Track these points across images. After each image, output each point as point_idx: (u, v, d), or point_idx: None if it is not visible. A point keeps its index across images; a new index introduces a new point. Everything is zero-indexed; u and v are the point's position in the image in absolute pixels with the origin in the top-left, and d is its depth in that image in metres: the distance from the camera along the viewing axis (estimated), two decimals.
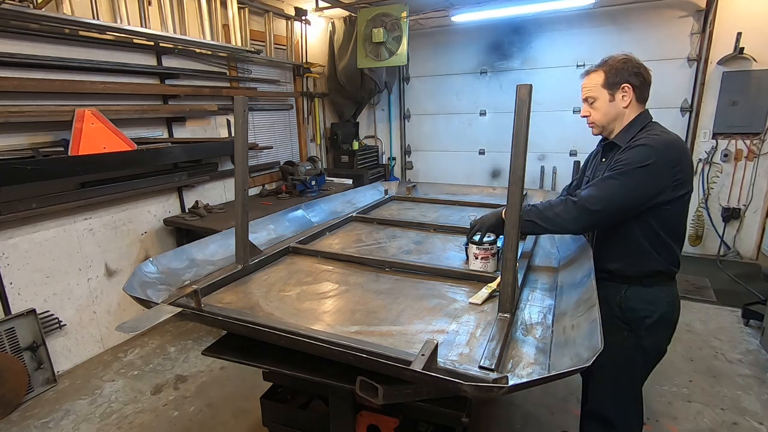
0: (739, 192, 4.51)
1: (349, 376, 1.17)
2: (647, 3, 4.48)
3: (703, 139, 4.55)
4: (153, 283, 1.58)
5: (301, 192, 4.29)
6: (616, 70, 1.55)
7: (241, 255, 1.76)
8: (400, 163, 6.26)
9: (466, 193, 3.21)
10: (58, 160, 2.61)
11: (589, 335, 1.15)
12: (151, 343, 3.29)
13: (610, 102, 1.57)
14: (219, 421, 2.47)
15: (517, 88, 1.19)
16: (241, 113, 1.65)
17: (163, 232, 3.62)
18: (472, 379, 1.04)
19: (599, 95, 1.58)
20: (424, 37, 5.57)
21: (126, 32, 3.01)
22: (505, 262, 1.29)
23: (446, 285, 1.66)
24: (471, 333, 1.31)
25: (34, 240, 2.76)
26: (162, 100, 3.51)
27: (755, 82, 4.20)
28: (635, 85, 1.54)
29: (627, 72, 1.54)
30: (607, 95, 1.56)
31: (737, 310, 3.49)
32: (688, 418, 2.40)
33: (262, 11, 4.41)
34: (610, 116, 1.59)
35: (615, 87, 1.55)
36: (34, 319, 2.70)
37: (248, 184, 1.77)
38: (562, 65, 4.99)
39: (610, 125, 1.61)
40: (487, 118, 5.58)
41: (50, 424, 2.48)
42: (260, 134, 4.67)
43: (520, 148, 1.20)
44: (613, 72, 1.56)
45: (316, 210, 2.65)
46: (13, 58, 2.56)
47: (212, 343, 1.49)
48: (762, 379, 2.71)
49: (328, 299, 1.56)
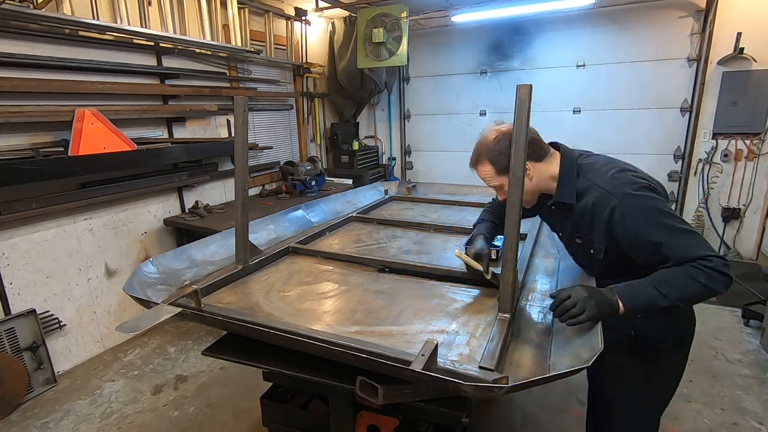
0: (739, 192, 4.51)
1: (349, 376, 1.17)
2: (647, 3, 4.48)
3: (703, 139, 4.54)
4: (153, 283, 1.58)
5: (301, 192, 4.29)
6: (498, 156, 1.38)
7: (241, 255, 1.76)
8: (400, 163, 6.26)
9: (466, 193, 3.21)
10: (58, 160, 2.61)
11: (589, 335, 1.15)
12: (151, 343, 3.29)
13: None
14: (219, 421, 2.47)
15: (517, 89, 1.19)
16: (241, 113, 1.65)
17: (163, 232, 3.62)
18: (472, 379, 1.04)
19: (503, 182, 1.41)
20: (424, 37, 5.57)
21: (126, 32, 3.01)
22: (505, 262, 1.29)
23: (446, 285, 1.66)
24: (471, 333, 1.31)
25: (34, 240, 2.76)
26: (162, 100, 3.51)
27: (755, 82, 4.20)
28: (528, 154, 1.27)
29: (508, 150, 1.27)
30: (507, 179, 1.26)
31: (737, 310, 3.49)
32: (688, 418, 2.39)
33: (262, 11, 4.41)
34: (530, 192, 1.44)
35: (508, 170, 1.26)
36: (34, 319, 2.70)
37: (248, 184, 1.77)
38: (562, 65, 4.99)
39: (535, 195, 1.50)
40: (487, 118, 5.57)
41: (50, 424, 2.48)
42: (260, 134, 4.67)
43: (520, 148, 1.20)
44: (496, 158, 1.39)
45: (316, 210, 2.66)
46: (13, 58, 2.55)
47: (212, 343, 1.49)
48: (762, 379, 2.70)
49: (328, 299, 1.56)
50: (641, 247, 1.27)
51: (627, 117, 4.80)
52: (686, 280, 1.18)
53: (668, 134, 4.70)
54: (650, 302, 1.19)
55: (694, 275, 1.18)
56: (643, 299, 1.20)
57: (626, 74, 4.72)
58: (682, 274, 1.20)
